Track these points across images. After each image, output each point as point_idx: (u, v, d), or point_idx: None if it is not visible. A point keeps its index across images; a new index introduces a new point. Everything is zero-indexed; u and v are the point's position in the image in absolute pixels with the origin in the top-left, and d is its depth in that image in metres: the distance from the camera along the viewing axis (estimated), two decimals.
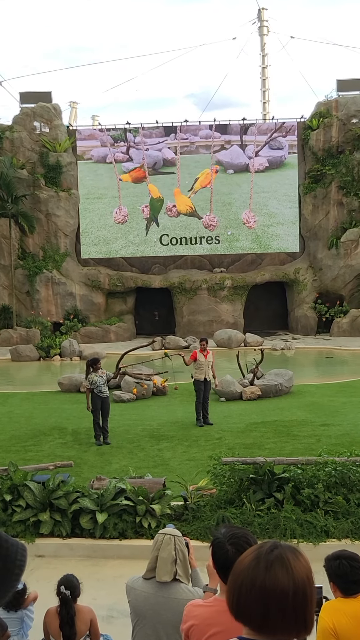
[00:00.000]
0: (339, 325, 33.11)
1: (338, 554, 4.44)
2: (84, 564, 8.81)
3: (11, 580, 1.63)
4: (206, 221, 35.29)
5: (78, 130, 35.91)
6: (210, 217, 35.27)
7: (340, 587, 4.29)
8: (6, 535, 1.70)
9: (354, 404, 17.75)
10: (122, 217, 35.20)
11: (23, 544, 1.72)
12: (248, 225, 35.29)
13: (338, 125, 34.43)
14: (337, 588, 4.31)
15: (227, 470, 9.94)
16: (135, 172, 35.18)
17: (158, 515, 9.30)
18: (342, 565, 4.30)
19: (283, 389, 19.55)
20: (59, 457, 13.06)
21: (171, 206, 35.27)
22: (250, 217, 35.25)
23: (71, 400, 19.47)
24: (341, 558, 4.36)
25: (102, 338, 33.09)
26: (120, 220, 35.19)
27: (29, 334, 31.50)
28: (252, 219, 35.23)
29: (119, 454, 13.61)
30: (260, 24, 40.97)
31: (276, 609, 1.79)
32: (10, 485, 9.69)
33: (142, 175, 35.14)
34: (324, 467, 9.69)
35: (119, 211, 35.19)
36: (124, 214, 35.19)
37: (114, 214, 35.16)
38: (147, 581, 4.35)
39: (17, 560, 1.66)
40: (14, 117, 34.97)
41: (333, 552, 4.49)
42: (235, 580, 1.87)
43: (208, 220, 35.29)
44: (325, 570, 4.42)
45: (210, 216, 35.28)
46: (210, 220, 35.26)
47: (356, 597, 4.23)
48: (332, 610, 4.18)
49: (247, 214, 35.27)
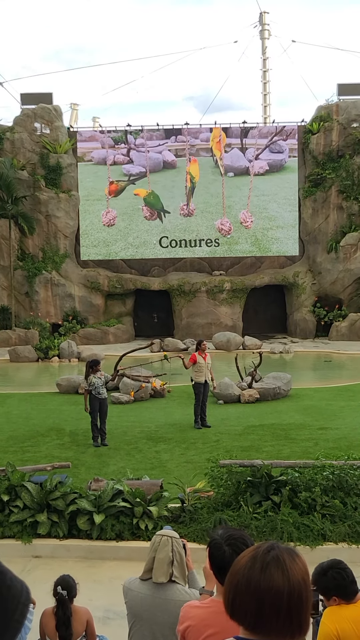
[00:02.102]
0: (337, 329, 33.13)
1: (321, 568, 4.38)
2: (80, 565, 8.82)
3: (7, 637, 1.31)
4: (218, 225, 35.31)
5: (79, 132, 35.97)
6: (223, 222, 35.28)
7: (341, 596, 4.23)
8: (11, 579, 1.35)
9: (352, 408, 17.76)
10: (109, 220, 35.24)
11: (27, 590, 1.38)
12: (245, 225, 35.32)
13: (338, 129, 34.49)
14: (339, 598, 4.27)
15: (224, 472, 9.94)
16: (111, 187, 35.23)
17: (155, 517, 9.30)
18: (333, 575, 4.25)
19: (281, 392, 19.56)
20: (56, 458, 13.05)
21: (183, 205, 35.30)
22: (247, 217, 35.29)
23: (69, 401, 19.47)
24: (327, 569, 4.31)
25: (100, 340, 33.10)
26: (108, 223, 35.24)
27: (27, 335, 31.51)
28: (249, 219, 35.27)
29: (117, 456, 13.61)
30: (261, 28, 41.03)
31: (271, 609, 1.80)
32: (8, 485, 9.69)
33: (115, 188, 35.19)
34: (321, 470, 9.70)
35: (106, 214, 35.24)
36: (111, 216, 35.22)
37: (102, 216, 35.20)
38: (144, 582, 4.35)
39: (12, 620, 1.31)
40: (15, 118, 35.03)
41: (315, 571, 4.37)
42: (231, 580, 1.89)
43: (220, 224, 35.30)
44: (320, 588, 4.33)
45: (223, 220, 35.28)
46: (223, 224, 35.27)
47: (357, 602, 4.22)
48: (335, 616, 4.17)
49: (245, 214, 35.31)
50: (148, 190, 35.27)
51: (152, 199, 35.31)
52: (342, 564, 4.36)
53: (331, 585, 4.26)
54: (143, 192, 35.29)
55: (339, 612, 4.18)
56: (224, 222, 35.32)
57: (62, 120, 35.69)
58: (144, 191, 35.30)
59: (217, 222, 35.33)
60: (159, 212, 35.29)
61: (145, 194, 35.30)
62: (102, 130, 36.02)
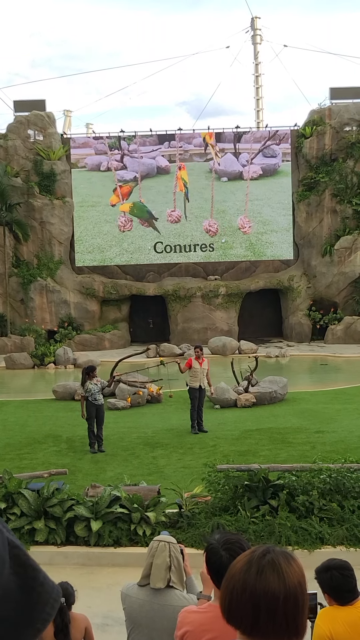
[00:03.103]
0: (333, 332, 33.16)
1: (327, 564, 4.37)
2: (78, 571, 8.80)
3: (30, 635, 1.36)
4: (206, 226, 35.36)
5: (72, 139, 35.98)
6: (211, 223, 35.35)
7: (335, 598, 4.24)
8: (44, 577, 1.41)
9: (349, 411, 17.78)
10: (124, 224, 35.27)
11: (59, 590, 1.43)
12: (243, 230, 35.36)
13: (331, 133, 34.59)
14: (332, 599, 4.28)
15: (221, 477, 9.95)
16: (123, 190, 35.24)
17: (153, 523, 9.29)
18: (334, 576, 4.24)
19: (277, 396, 19.57)
20: (53, 465, 13.05)
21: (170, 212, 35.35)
22: (245, 223, 35.34)
23: (66, 408, 19.44)
24: (332, 569, 4.29)
25: (96, 346, 33.06)
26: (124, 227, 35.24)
27: (23, 342, 31.47)
28: (247, 224, 35.33)
29: (114, 462, 13.60)
30: (253, 33, 41.12)
31: (266, 613, 1.79)
32: (5, 493, 9.68)
33: (128, 190, 35.22)
34: (318, 474, 9.71)
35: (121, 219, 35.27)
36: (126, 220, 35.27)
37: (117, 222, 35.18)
38: (141, 588, 4.35)
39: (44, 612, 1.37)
40: (8, 125, 35.02)
41: (322, 564, 4.40)
42: (227, 585, 1.89)
43: (208, 225, 35.35)
44: (317, 582, 4.35)
45: (210, 221, 35.35)
46: (210, 226, 35.33)
47: (352, 604, 4.21)
48: (328, 618, 4.16)
49: (243, 220, 35.37)
50: (130, 204, 35.27)
51: (136, 211, 35.32)
52: (347, 569, 4.32)
53: (328, 585, 4.27)
54: (126, 207, 35.29)
55: (333, 614, 4.17)
56: (211, 224, 35.37)
57: (55, 127, 35.72)
58: (127, 206, 35.29)
59: (204, 223, 35.37)
60: (149, 220, 35.30)
61: (129, 208, 35.30)
62: (96, 137, 36.07)
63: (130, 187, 35.32)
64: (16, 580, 1.36)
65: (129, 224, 35.26)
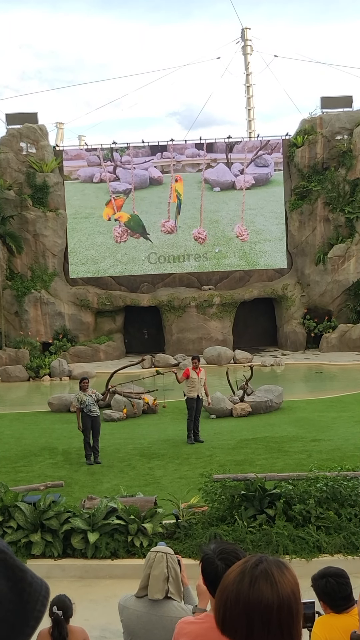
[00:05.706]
0: (327, 341, 33.21)
1: (324, 572, 4.39)
2: (76, 584, 8.77)
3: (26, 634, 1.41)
4: (195, 234, 35.43)
5: (64, 151, 36.09)
6: (200, 231, 35.43)
7: (329, 605, 4.26)
8: (32, 576, 1.49)
9: (344, 419, 17.78)
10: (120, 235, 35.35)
11: (47, 586, 1.51)
12: (241, 238, 35.42)
13: (323, 142, 34.75)
14: (327, 606, 4.29)
15: (218, 487, 9.93)
16: (117, 202, 35.37)
17: (150, 534, 9.27)
18: (329, 583, 4.25)
19: (273, 405, 19.57)
20: (49, 477, 13.00)
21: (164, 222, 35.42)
22: (242, 231, 35.45)
23: (61, 420, 19.42)
24: (327, 576, 4.31)
25: (91, 357, 33.04)
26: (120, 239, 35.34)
27: (18, 355, 31.40)
28: (245, 232, 35.43)
29: (110, 473, 13.57)
30: (244, 44, 41.34)
31: (260, 623, 1.79)
32: (1, 506, 9.65)
33: (122, 202, 35.35)
34: (315, 482, 9.70)
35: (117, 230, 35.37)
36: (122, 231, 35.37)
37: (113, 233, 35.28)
38: (139, 599, 4.35)
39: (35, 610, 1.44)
40: (0, 139, 35.09)
41: (319, 571, 4.43)
42: (221, 596, 1.88)
43: (197, 233, 35.43)
44: (313, 589, 4.38)
45: (199, 229, 35.43)
46: (200, 233, 35.40)
47: (348, 611, 4.22)
48: (325, 626, 4.17)
49: (240, 227, 35.46)
50: (129, 215, 35.37)
51: (132, 224, 35.42)
52: (343, 576, 4.33)
53: (323, 591, 4.29)
54: (125, 217, 35.39)
55: (330, 622, 4.18)
56: (200, 232, 35.47)
57: (47, 139, 35.82)
58: (125, 215, 35.39)
59: (194, 232, 35.45)
60: (141, 234, 35.37)
61: (127, 218, 35.40)
62: (88, 149, 36.16)
63: (124, 199, 35.42)
64: (6, 583, 1.41)
65: (125, 235, 35.34)
